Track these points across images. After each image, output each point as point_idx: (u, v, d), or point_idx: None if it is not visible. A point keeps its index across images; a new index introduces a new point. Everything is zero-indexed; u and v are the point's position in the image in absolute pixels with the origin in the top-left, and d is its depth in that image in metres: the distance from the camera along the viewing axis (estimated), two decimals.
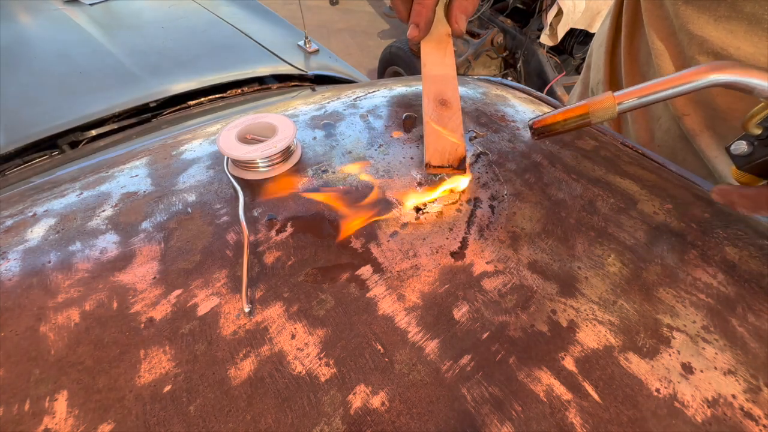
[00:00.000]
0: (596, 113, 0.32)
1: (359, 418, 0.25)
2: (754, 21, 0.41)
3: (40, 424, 0.25)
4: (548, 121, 0.34)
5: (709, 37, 0.44)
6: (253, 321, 0.30)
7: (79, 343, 0.29)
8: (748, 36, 0.42)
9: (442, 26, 0.44)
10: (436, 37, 0.44)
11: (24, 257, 0.34)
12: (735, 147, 0.31)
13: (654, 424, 0.25)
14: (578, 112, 0.32)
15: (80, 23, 1.20)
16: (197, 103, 1.01)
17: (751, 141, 0.30)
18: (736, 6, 0.41)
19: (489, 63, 2.24)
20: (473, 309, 0.31)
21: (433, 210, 0.38)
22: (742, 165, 0.31)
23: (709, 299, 0.32)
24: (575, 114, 0.33)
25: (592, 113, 0.32)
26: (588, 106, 0.32)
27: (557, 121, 0.33)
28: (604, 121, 0.32)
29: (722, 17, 0.43)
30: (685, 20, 0.46)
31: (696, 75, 0.29)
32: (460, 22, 0.44)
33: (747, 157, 0.30)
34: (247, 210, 0.37)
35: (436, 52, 0.44)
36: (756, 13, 0.40)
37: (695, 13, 0.45)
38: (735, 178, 0.32)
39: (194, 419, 0.25)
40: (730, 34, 0.43)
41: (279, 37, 1.28)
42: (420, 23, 0.42)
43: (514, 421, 0.25)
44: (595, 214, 0.38)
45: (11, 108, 0.93)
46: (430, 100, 0.41)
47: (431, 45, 0.44)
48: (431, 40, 0.44)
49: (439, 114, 0.41)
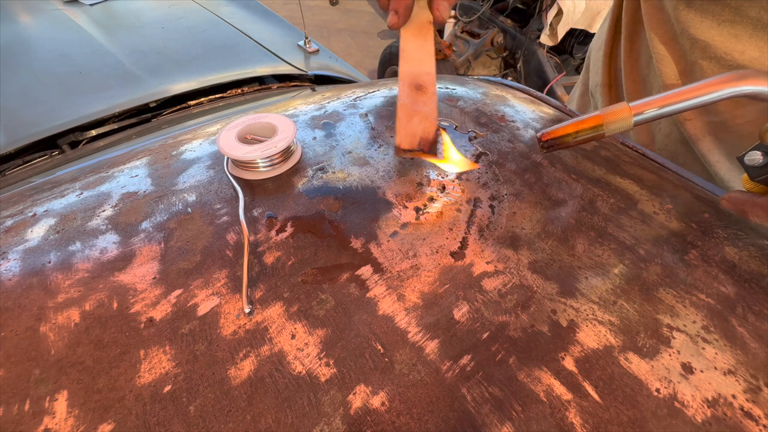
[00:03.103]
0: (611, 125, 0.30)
1: (359, 418, 0.25)
2: (759, 25, 0.40)
3: (40, 424, 0.25)
4: (558, 133, 0.32)
5: (712, 42, 0.44)
6: (253, 321, 0.30)
7: (79, 343, 0.29)
8: (752, 40, 0.42)
9: (423, 14, 0.43)
10: (416, 25, 0.43)
11: (24, 257, 0.34)
12: (750, 157, 0.29)
13: (654, 424, 0.25)
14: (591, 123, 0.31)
15: (80, 23, 1.20)
16: (197, 103, 1.01)
17: (766, 152, 0.29)
18: (741, 10, 0.41)
19: (489, 63, 2.24)
20: (473, 309, 0.31)
21: (433, 210, 0.38)
22: (756, 176, 0.30)
23: (709, 299, 0.32)
24: (588, 126, 0.31)
25: (606, 125, 0.30)
26: (602, 117, 0.30)
27: (568, 134, 0.32)
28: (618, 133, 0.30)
29: (726, 21, 0.42)
30: (687, 25, 0.46)
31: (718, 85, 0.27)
32: (442, 10, 0.42)
33: (762, 168, 0.29)
34: (247, 210, 0.37)
35: (416, 39, 0.43)
36: (761, 17, 0.40)
37: (698, 17, 0.45)
38: (746, 188, 0.31)
39: (194, 419, 0.25)
40: (734, 38, 0.43)
41: (279, 37, 1.28)
42: (399, 9, 0.41)
43: (514, 421, 0.25)
44: (595, 214, 0.38)
45: (11, 108, 0.93)
46: (405, 84, 0.41)
47: (411, 32, 0.43)
48: (411, 27, 0.43)
49: (413, 98, 0.40)
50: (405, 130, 0.39)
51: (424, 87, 0.41)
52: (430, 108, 0.40)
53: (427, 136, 0.39)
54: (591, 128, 0.31)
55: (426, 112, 0.40)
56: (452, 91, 0.54)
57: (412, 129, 0.39)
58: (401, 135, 0.39)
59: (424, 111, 0.40)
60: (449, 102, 0.51)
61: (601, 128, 0.30)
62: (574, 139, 0.32)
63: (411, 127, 0.39)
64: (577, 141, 0.32)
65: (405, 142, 0.39)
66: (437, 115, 0.40)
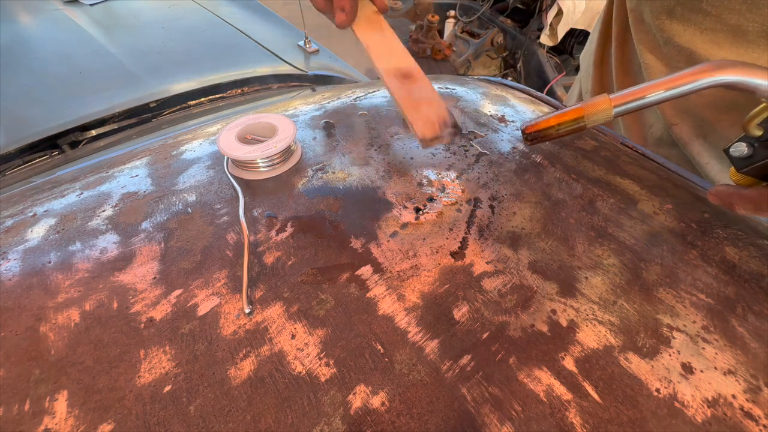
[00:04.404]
0: (591, 116, 0.30)
1: (359, 418, 0.25)
2: (739, 33, 0.42)
3: (40, 424, 0.25)
4: (541, 125, 0.32)
5: (695, 50, 0.45)
6: (253, 321, 0.30)
7: (79, 343, 0.29)
8: (733, 47, 0.43)
9: (367, 7, 0.43)
10: (365, 19, 0.43)
11: (24, 257, 0.34)
12: (734, 149, 0.30)
13: (654, 424, 0.25)
14: (572, 116, 0.31)
15: (80, 23, 1.20)
16: (197, 103, 1.01)
17: (751, 143, 0.29)
18: (721, 18, 0.42)
19: (489, 63, 2.24)
20: (473, 309, 0.31)
21: (433, 210, 0.38)
22: (742, 167, 0.30)
23: (709, 299, 0.32)
24: (569, 118, 0.31)
25: (587, 117, 0.31)
26: (582, 110, 0.30)
27: (550, 126, 0.32)
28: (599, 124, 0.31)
29: (708, 29, 0.44)
30: (671, 34, 0.47)
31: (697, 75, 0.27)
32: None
33: (747, 159, 0.29)
34: (247, 210, 0.37)
35: (373, 32, 0.42)
36: (741, 25, 0.41)
37: (681, 26, 0.46)
38: (733, 180, 0.32)
39: (194, 419, 0.25)
40: (716, 45, 0.44)
41: (279, 37, 1.28)
42: (345, 6, 0.41)
43: (514, 421, 0.25)
44: (595, 214, 0.38)
45: (11, 108, 0.93)
46: (392, 77, 0.40)
47: (364, 26, 0.43)
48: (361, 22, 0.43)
49: (408, 89, 0.39)
50: (421, 120, 0.37)
51: (410, 73, 0.40)
52: (429, 90, 0.39)
53: (443, 119, 0.37)
54: (572, 120, 0.31)
55: (427, 96, 0.39)
56: (452, 91, 0.54)
57: (426, 116, 0.38)
58: (419, 125, 0.37)
59: (425, 96, 0.39)
60: (449, 102, 0.51)
61: (582, 120, 0.31)
62: (557, 131, 0.32)
63: (423, 114, 0.38)
64: (560, 133, 0.32)
65: (428, 131, 0.37)
66: (438, 95, 0.39)
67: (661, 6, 0.47)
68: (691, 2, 0.43)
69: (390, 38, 0.42)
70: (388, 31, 0.43)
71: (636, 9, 0.52)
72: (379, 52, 0.41)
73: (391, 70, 0.40)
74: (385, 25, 0.43)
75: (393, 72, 0.40)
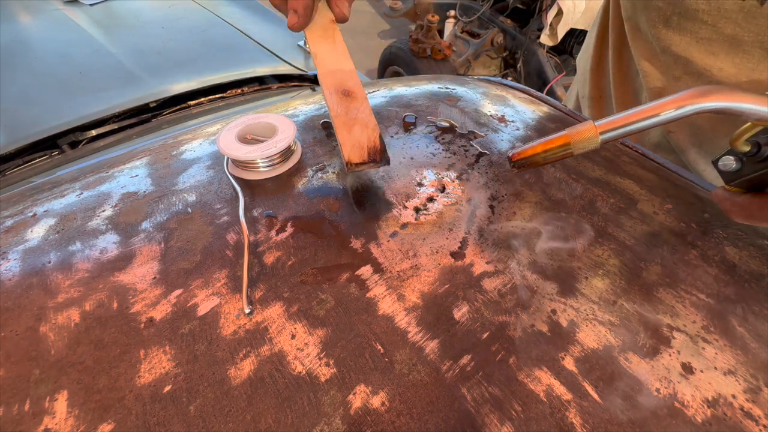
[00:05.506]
0: (578, 144, 0.30)
1: (359, 418, 0.25)
2: (735, 42, 0.42)
3: (40, 424, 0.25)
4: (528, 153, 0.32)
5: (692, 59, 0.45)
6: (253, 321, 0.30)
7: (79, 343, 0.29)
8: (729, 57, 0.43)
9: (325, 13, 0.41)
10: (320, 26, 0.41)
11: (24, 257, 0.34)
12: (723, 163, 0.30)
13: (654, 424, 0.25)
14: (559, 143, 0.31)
15: (80, 23, 1.20)
16: (197, 103, 1.01)
17: (739, 157, 0.29)
18: (717, 27, 0.42)
19: (489, 63, 2.24)
20: (473, 309, 0.31)
21: (433, 210, 0.38)
22: (731, 180, 0.30)
23: (709, 299, 0.32)
24: (556, 145, 0.31)
25: (573, 144, 0.30)
26: (569, 137, 0.30)
27: (537, 153, 0.32)
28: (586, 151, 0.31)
29: (704, 39, 0.43)
30: (667, 43, 0.47)
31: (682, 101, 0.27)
32: (342, 6, 0.41)
33: (735, 173, 0.30)
34: (247, 210, 0.37)
35: (324, 42, 0.41)
36: (736, 35, 0.41)
37: (676, 35, 0.46)
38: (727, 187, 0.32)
39: (194, 419, 0.25)
40: (712, 55, 0.44)
41: (279, 37, 1.28)
42: (299, 9, 0.39)
43: (514, 421, 0.25)
44: (595, 214, 0.38)
45: (11, 108, 0.93)
46: (332, 92, 0.39)
47: (317, 33, 0.41)
48: (315, 28, 0.41)
49: (345, 107, 0.38)
50: (350, 143, 0.36)
51: (352, 92, 0.39)
52: (366, 114, 0.38)
53: (373, 145, 0.36)
54: (559, 147, 0.31)
55: (363, 119, 0.37)
56: (452, 91, 0.54)
57: (356, 140, 0.36)
58: (347, 148, 0.36)
59: (361, 118, 0.37)
60: (449, 102, 0.51)
61: (568, 147, 0.30)
62: (544, 158, 0.32)
63: (354, 137, 0.36)
64: (547, 160, 0.32)
65: (354, 155, 0.35)
66: (375, 120, 0.38)
67: (657, 15, 0.47)
68: (687, 12, 0.43)
69: (340, 51, 0.41)
70: (340, 43, 0.41)
71: (632, 18, 0.52)
72: (325, 63, 0.40)
73: (332, 85, 0.39)
74: (339, 37, 0.42)
75: (334, 87, 0.39)
